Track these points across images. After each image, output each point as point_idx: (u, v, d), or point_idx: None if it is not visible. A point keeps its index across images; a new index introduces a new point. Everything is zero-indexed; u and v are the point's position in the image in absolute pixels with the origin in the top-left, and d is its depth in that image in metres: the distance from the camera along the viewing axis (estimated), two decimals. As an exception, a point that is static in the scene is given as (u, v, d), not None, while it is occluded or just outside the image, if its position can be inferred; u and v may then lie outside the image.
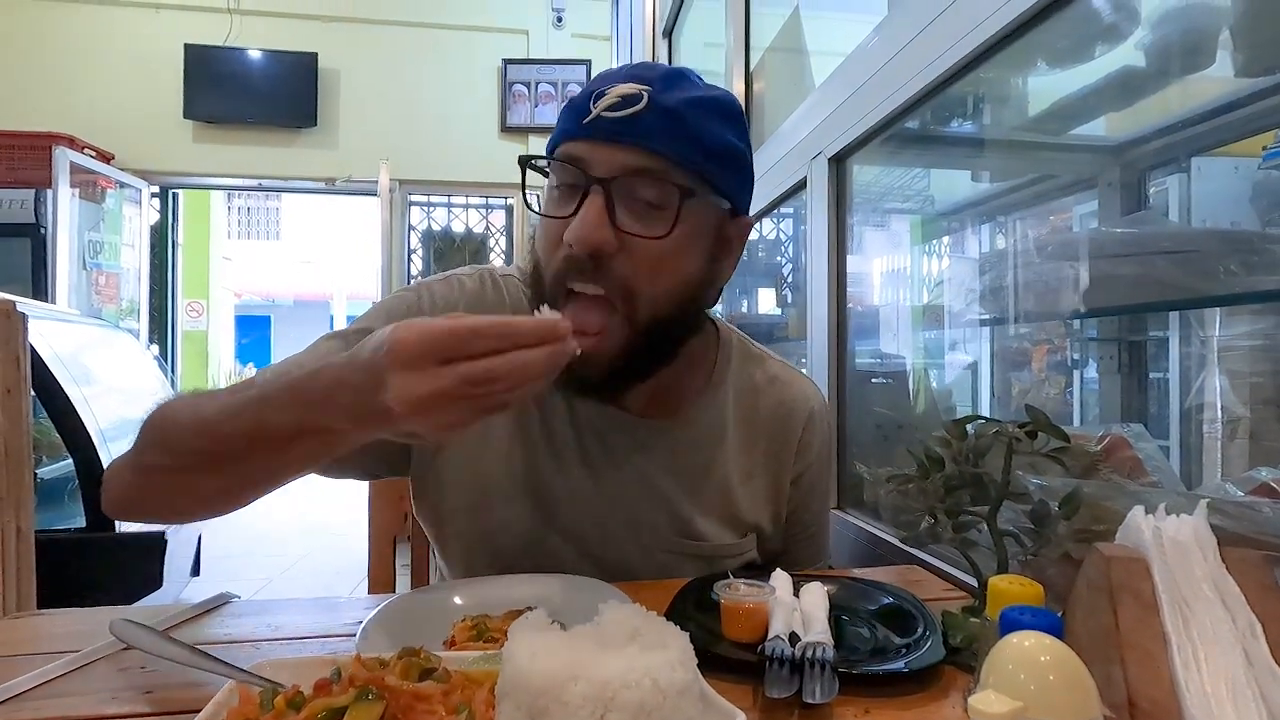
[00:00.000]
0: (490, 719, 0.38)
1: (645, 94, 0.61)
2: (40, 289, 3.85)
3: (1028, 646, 0.33)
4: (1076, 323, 1.41)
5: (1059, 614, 0.42)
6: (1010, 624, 0.39)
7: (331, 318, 12.13)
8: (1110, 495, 0.62)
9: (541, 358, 0.46)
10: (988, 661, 0.35)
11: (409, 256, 4.85)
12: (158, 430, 0.61)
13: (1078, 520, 0.56)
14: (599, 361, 0.63)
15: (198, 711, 0.39)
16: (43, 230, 3.89)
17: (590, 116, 0.61)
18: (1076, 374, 1.51)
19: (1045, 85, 1.12)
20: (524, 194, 0.69)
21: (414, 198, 4.93)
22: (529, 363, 0.46)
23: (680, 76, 0.66)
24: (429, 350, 0.45)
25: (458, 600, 0.65)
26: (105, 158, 4.35)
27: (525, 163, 0.66)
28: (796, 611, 0.58)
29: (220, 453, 0.56)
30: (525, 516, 0.74)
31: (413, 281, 2.48)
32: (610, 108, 0.61)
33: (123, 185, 4.50)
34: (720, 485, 0.78)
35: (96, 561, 2.09)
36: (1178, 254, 0.71)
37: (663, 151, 0.61)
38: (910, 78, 0.99)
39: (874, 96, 1.09)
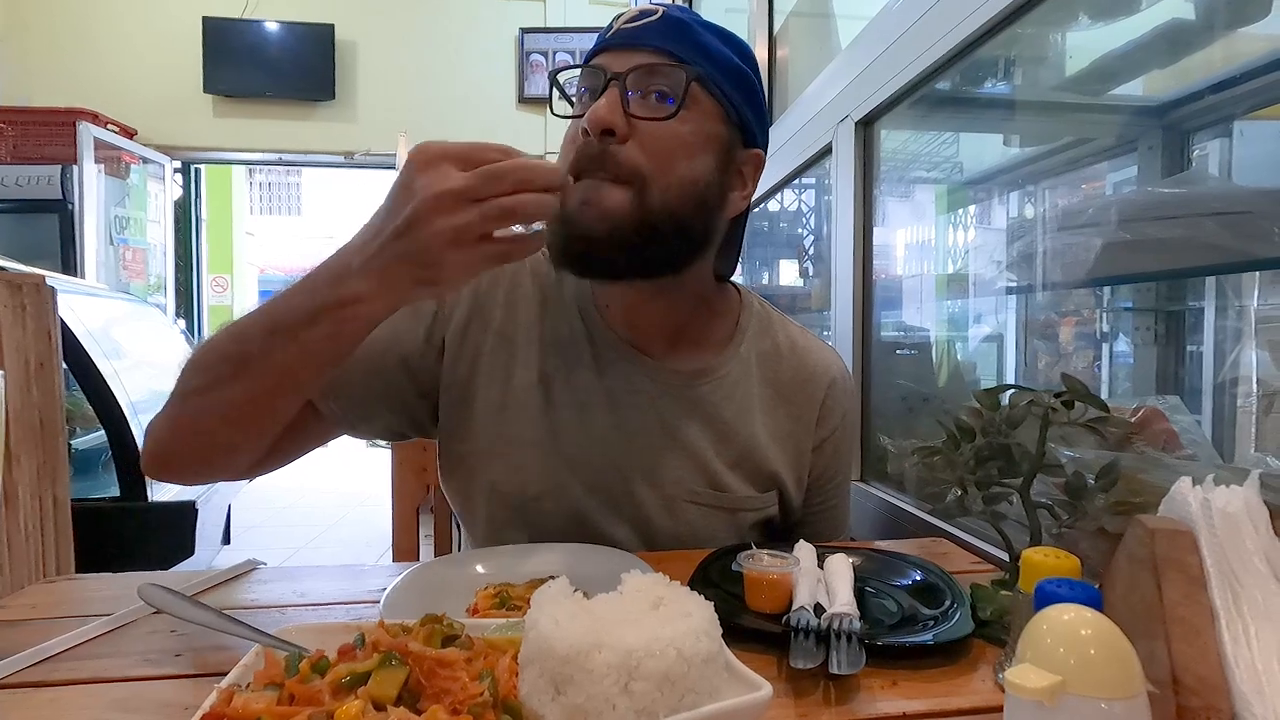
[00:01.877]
0: (513, 686, 0.38)
1: (661, 10, 0.69)
2: (69, 264, 3.91)
3: (1068, 619, 0.32)
4: (1108, 293, 1.37)
5: (1096, 587, 0.41)
6: (1047, 596, 0.38)
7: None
8: (1145, 468, 0.60)
9: (542, 170, 0.51)
10: (1024, 635, 0.33)
11: (428, 230, 4.85)
12: (194, 358, 0.64)
13: (1114, 493, 0.54)
14: (603, 217, 0.64)
15: (225, 674, 0.40)
16: (70, 206, 3.93)
17: (611, 32, 0.69)
18: (1105, 347, 1.47)
19: (1085, 42, 1.07)
20: (551, 107, 0.73)
21: (432, 171, 4.90)
22: (533, 169, 0.51)
23: (697, 13, 0.73)
24: (447, 153, 0.52)
25: (480, 569, 0.65)
26: (128, 133, 4.37)
27: (554, 76, 0.73)
28: (821, 583, 0.57)
29: (245, 354, 0.59)
30: (550, 465, 0.74)
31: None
32: (628, 21, 0.68)
33: (146, 161, 4.53)
34: (744, 438, 0.78)
35: (130, 529, 2.14)
36: (1229, 215, 0.67)
37: (669, 49, 0.67)
38: (942, 35, 0.95)
39: (904, 56, 1.05)
